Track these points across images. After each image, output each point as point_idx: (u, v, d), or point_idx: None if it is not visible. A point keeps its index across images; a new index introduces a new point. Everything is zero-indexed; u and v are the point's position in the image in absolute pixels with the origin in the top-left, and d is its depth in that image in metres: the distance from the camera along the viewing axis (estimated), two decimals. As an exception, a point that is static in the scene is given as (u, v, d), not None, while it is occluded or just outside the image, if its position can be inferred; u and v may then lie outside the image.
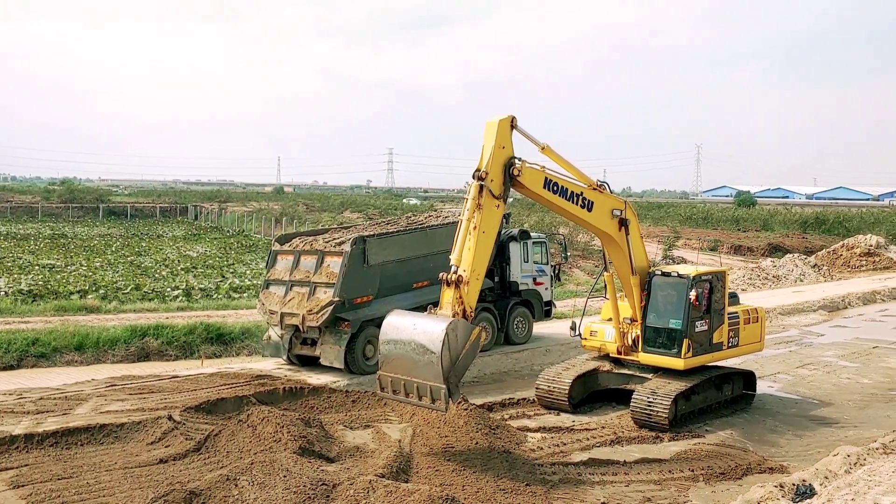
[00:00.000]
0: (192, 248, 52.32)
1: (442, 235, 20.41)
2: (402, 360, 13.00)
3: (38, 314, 26.16)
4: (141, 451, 13.31)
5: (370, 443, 14.08)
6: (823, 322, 30.14)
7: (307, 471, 11.67)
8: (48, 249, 48.69)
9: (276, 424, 13.32)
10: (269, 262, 20.44)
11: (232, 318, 26.22)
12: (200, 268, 40.88)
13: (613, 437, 15.05)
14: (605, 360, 17.43)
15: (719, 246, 57.84)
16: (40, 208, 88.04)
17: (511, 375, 20.63)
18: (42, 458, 12.83)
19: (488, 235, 13.58)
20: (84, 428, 13.94)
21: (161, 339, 23.17)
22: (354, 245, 18.69)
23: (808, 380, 20.62)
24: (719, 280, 16.81)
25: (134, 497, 11.06)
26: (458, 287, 13.01)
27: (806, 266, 43.64)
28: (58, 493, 11.38)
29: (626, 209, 15.88)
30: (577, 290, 34.80)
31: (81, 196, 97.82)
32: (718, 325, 16.65)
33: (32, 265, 39.92)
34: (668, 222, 76.99)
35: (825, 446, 14.79)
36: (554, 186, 14.68)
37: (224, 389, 17.05)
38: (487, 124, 13.87)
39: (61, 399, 16.23)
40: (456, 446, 13.70)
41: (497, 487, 12.00)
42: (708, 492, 12.57)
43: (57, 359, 21.81)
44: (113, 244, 53.91)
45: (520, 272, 23.40)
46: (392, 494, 10.63)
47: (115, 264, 41.44)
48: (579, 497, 12.00)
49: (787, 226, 74.60)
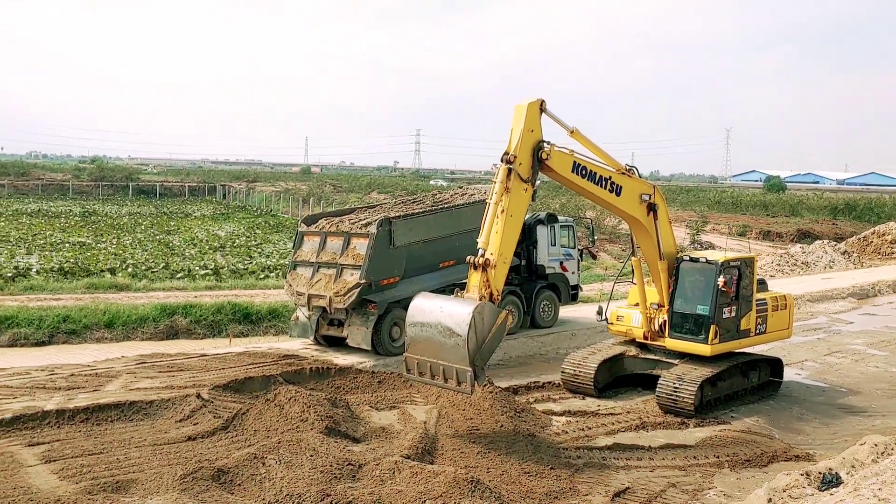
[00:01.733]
0: (221, 228, 52.70)
1: (468, 215, 20.39)
2: (429, 343, 13.04)
3: (69, 291, 26.53)
4: (170, 428, 13.47)
5: (396, 424, 14.16)
6: (853, 310, 29.83)
7: (333, 450, 11.78)
8: (79, 227, 49.26)
9: (303, 404, 13.43)
10: (296, 244, 20.52)
11: (259, 297, 26.42)
12: (228, 247, 41.19)
13: (638, 423, 15.04)
14: (632, 345, 17.39)
15: (748, 231, 57.31)
16: (71, 186, 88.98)
17: (537, 359, 20.64)
18: (73, 434, 13.02)
19: (516, 219, 13.56)
20: (114, 404, 14.12)
21: (190, 318, 23.46)
22: (380, 227, 18.72)
23: (836, 368, 20.46)
24: (748, 266, 16.69)
25: (162, 473, 11.20)
26: (485, 270, 13.02)
27: (836, 253, 43.18)
28: (88, 468, 11.55)
29: (654, 194, 15.80)
30: (603, 274, 34.68)
31: (111, 174, 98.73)
32: (746, 311, 16.54)
33: (63, 243, 40.43)
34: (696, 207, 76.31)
35: (852, 435, 14.69)
36: (582, 170, 14.62)
37: (252, 368, 17.20)
38: (516, 107, 13.82)
39: (92, 375, 16.46)
40: (481, 429, 13.75)
41: (521, 470, 12.05)
42: (733, 479, 12.55)
43: (87, 336, 22.15)
44: (142, 222, 54.42)
45: (547, 256, 23.34)
46: (417, 475, 10.71)
47: (145, 243, 41.86)
48: (603, 481, 12.01)
49: (817, 212, 73.72)
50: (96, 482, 11.02)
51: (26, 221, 52.13)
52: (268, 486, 10.68)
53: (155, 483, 10.94)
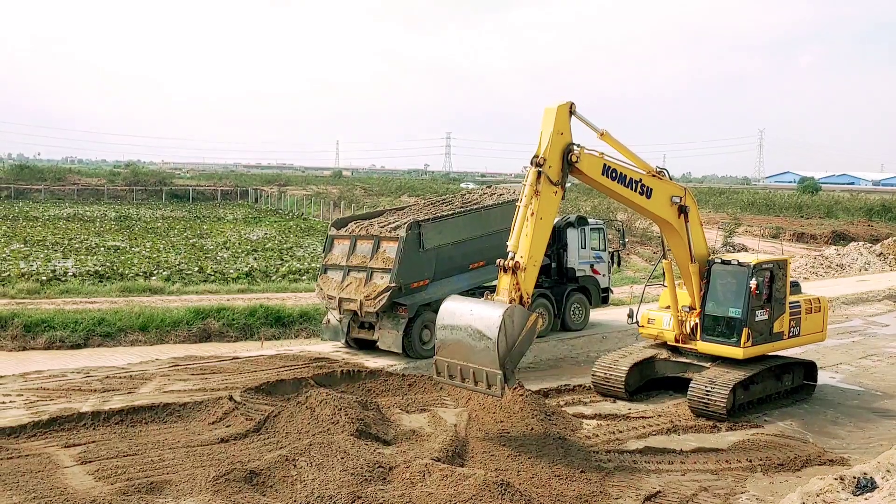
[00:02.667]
0: (253, 231, 53.06)
1: (497, 215, 20.38)
2: (459, 346, 13.06)
3: (104, 295, 26.89)
4: (203, 430, 13.61)
5: (426, 427, 14.20)
6: (889, 312, 29.45)
7: (364, 453, 11.84)
8: (113, 231, 49.85)
9: (334, 407, 13.51)
10: (326, 247, 20.63)
11: (291, 300, 26.60)
12: (260, 251, 41.48)
13: (670, 426, 14.96)
14: (663, 348, 17.30)
15: (781, 233, 56.73)
16: (106, 191, 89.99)
17: (567, 362, 20.59)
18: (108, 435, 13.20)
19: (546, 222, 13.55)
20: (148, 406, 14.31)
21: (222, 321, 23.68)
22: (410, 230, 18.77)
23: (872, 371, 20.21)
24: (781, 268, 16.55)
25: (196, 475, 11.32)
26: (514, 273, 13.03)
27: (871, 255, 42.66)
28: (123, 469, 11.70)
29: (685, 196, 15.72)
30: (634, 276, 34.51)
31: (145, 179, 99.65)
32: (779, 314, 16.40)
33: (98, 246, 40.93)
34: (728, 209, 75.70)
35: (888, 439, 14.52)
36: (612, 173, 14.58)
37: (283, 371, 17.33)
38: (546, 110, 13.81)
39: (126, 378, 16.68)
40: (511, 432, 13.75)
41: (552, 473, 12.04)
42: (766, 483, 12.44)
43: (122, 338, 22.44)
44: (176, 226, 54.95)
45: (577, 258, 23.28)
46: (447, 478, 10.73)
47: (178, 246, 42.26)
48: (634, 485, 11.97)
49: (852, 213, 72.82)
50: (131, 483, 11.17)
51: (62, 226, 52.85)
52: (299, 488, 10.77)
53: (188, 484, 11.06)
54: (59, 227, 51.20)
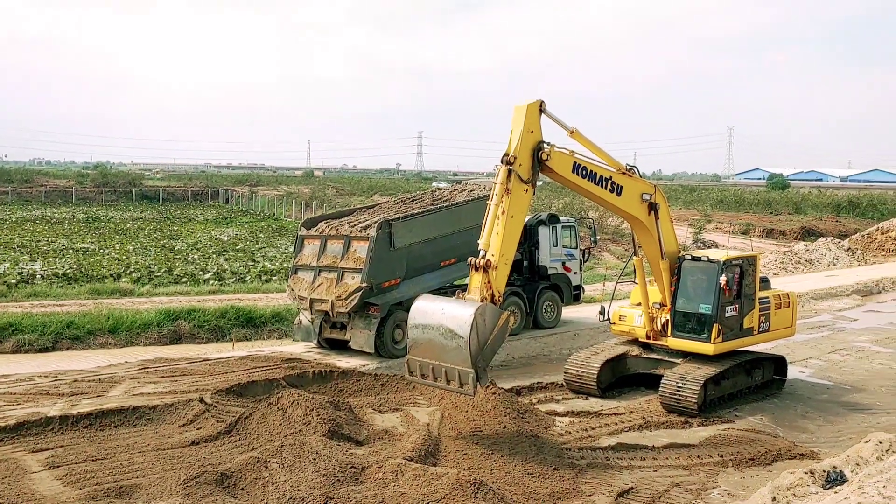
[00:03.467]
0: (224, 232, 52.73)
1: (468, 212, 20.36)
2: (431, 345, 13.05)
3: (72, 297, 26.59)
4: (173, 433, 13.49)
5: (399, 426, 14.17)
6: (857, 307, 29.76)
7: (336, 454, 11.78)
8: (82, 233, 49.33)
9: (306, 407, 13.44)
10: (297, 247, 20.49)
11: (262, 301, 26.46)
12: (231, 251, 41.22)
13: (642, 422, 15.02)
14: (634, 345, 17.38)
15: (751, 229, 57.27)
16: (74, 192, 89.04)
17: (539, 360, 20.62)
18: (77, 440, 13.06)
19: (517, 220, 13.57)
20: (118, 410, 14.17)
21: (193, 323, 23.49)
22: (380, 229, 18.68)
23: (841, 365, 20.42)
24: (750, 264, 16.67)
25: (166, 478, 11.22)
26: (486, 272, 13.03)
27: (839, 250, 43.11)
28: (92, 474, 11.58)
29: (655, 193, 15.79)
30: (606, 274, 34.66)
31: (114, 180, 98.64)
32: (749, 309, 16.52)
33: (67, 249, 40.48)
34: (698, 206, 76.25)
35: (857, 433, 14.63)
36: (583, 171, 14.61)
37: (255, 372, 17.22)
38: (516, 109, 13.83)
39: (95, 381, 16.49)
40: (484, 430, 13.75)
41: (525, 471, 12.05)
42: (737, 477, 12.52)
43: (91, 341, 22.18)
44: (145, 228, 54.47)
45: (549, 256, 23.33)
46: (420, 478, 10.70)
47: (148, 248, 41.90)
48: (607, 482, 12.00)
49: (821, 209, 73.60)
50: (100, 488, 11.06)
51: (30, 228, 52.20)
52: (271, 490, 10.69)
53: (159, 488, 10.96)
54: (27, 230, 50.57)
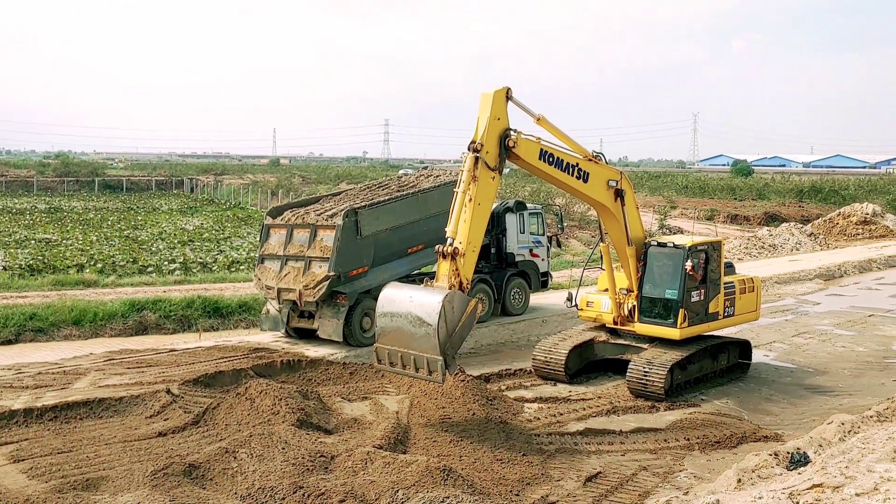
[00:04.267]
0: (189, 222, 52.23)
1: (434, 198, 20.32)
2: (399, 333, 13.04)
3: (35, 289, 26.19)
4: (140, 424, 13.39)
5: (368, 414, 14.17)
6: (819, 291, 30.19)
7: (305, 443, 11.76)
8: (44, 224, 48.61)
9: (274, 397, 13.38)
10: (263, 237, 20.32)
11: (229, 291, 26.26)
12: (197, 241, 40.87)
13: (609, 407, 15.13)
14: (602, 331, 17.49)
15: (715, 215, 57.85)
16: (35, 182, 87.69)
17: (508, 346, 20.69)
18: (41, 433, 12.91)
19: (484, 207, 13.58)
20: (83, 402, 14.02)
21: (159, 313, 23.24)
22: (346, 217, 18.58)
23: (804, 349, 20.71)
24: (715, 250, 16.84)
25: (133, 470, 11.12)
26: (453, 259, 13.03)
27: (802, 235, 43.67)
28: (58, 467, 11.45)
29: (621, 180, 15.88)
30: (573, 260, 34.82)
31: (77, 170, 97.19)
32: (714, 294, 16.69)
33: (29, 240, 39.87)
34: (664, 192, 76.84)
35: (820, 415, 14.88)
36: (549, 158, 14.65)
37: (222, 363, 17.12)
38: (483, 96, 13.82)
39: (60, 373, 16.30)
40: (453, 417, 13.78)
41: (494, 458, 12.09)
42: (703, 460, 12.67)
43: (55, 333, 21.86)
44: (109, 218, 53.80)
45: (516, 243, 23.39)
46: (390, 465, 10.71)
47: (112, 238, 41.39)
48: (575, 467, 12.09)
49: (784, 195, 74.45)
50: (66, 480, 10.94)
51: (-10, 219, 51.37)
52: (240, 480, 10.65)
53: (125, 480, 10.87)
54: (-13, 221, 49.76)
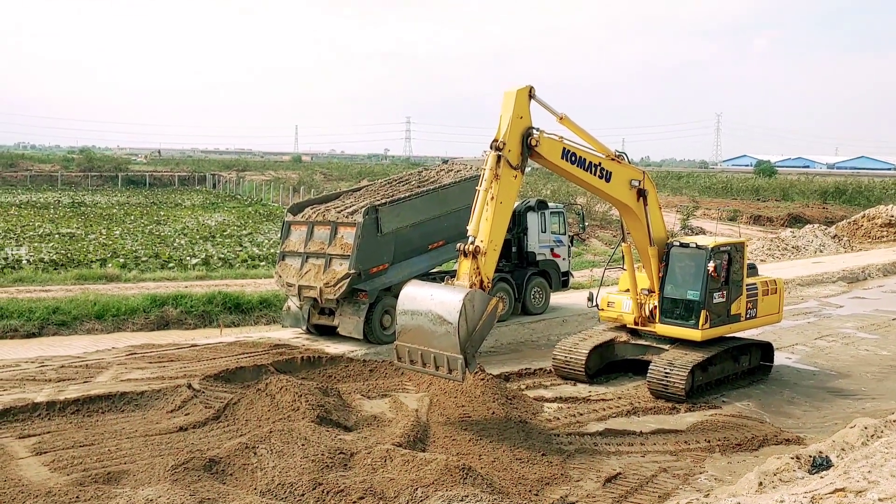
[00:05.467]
0: (211, 217, 52.51)
1: (455, 193, 20.22)
2: (420, 331, 13.03)
3: (58, 283, 26.42)
4: (161, 418, 13.46)
5: (387, 412, 14.17)
6: (843, 293, 29.95)
7: (325, 439, 11.77)
8: (68, 218, 49.04)
9: (295, 393, 13.41)
10: (283, 234, 20.36)
11: (250, 287, 26.37)
12: (219, 237, 41.08)
13: (630, 408, 15.08)
14: (622, 331, 17.43)
15: (738, 216, 57.46)
16: (60, 177, 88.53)
17: (528, 346, 20.66)
18: (64, 426, 13.00)
19: (506, 206, 13.55)
20: (105, 396, 14.10)
21: (180, 308, 23.38)
22: (367, 215, 18.55)
23: (826, 351, 20.54)
24: (738, 251, 16.73)
25: (154, 464, 11.19)
26: (475, 258, 13.01)
27: (826, 237, 43.32)
28: (79, 460, 11.53)
29: (644, 179, 15.80)
30: (594, 260, 34.71)
31: (100, 165, 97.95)
32: (736, 296, 16.58)
33: (52, 234, 40.24)
34: (687, 192, 76.44)
35: (842, 418, 14.76)
36: (572, 157, 14.60)
37: (243, 358, 17.17)
38: (505, 94, 13.78)
39: (82, 367, 16.42)
40: (472, 416, 13.77)
41: (513, 457, 12.08)
42: (724, 463, 12.60)
43: (77, 327, 22.05)
44: (132, 213, 54.19)
45: (537, 242, 23.33)
46: (409, 463, 10.71)
47: (135, 233, 41.70)
48: (595, 467, 12.05)
49: (808, 196, 73.82)
50: (87, 474, 11.00)
51: (15, 213, 51.82)
52: (259, 476, 10.68)
53: (146, 474, 10.92)
54: (12, 215, 50.22)
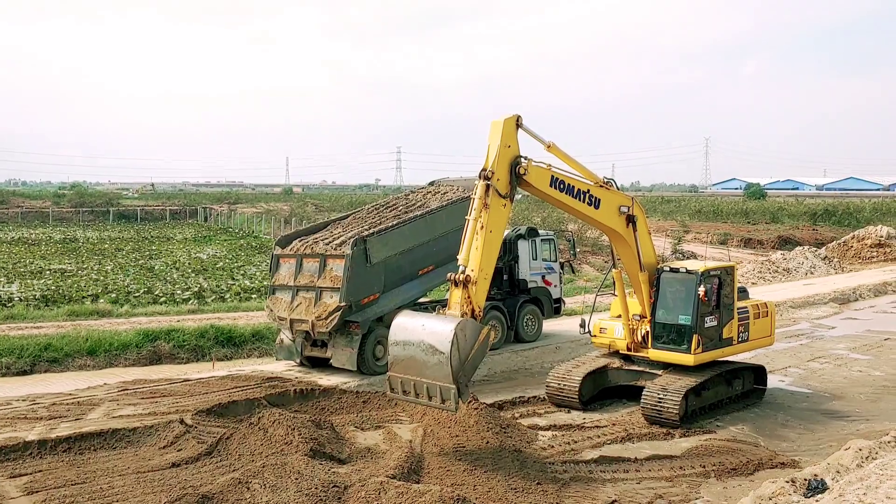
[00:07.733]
0: (202, 251, 52.46)
1: (442, 219, 20.23)
2: (412, 361, 13.02)
3: (50, 319, 26.32)
4: (153, 455, 13.38)
5: (381, 444, 14.11)
6: (834, 314, 30.01)
7: (319, 473, 11.71)
8: (59, 254, 48.93)
9: (288, 427, 13.37)
10: (273, 267, 20.30)
11: (242, 320, 26.32)
12: (211, 270, 41.01)
13: (624, 434, 15.04)
14: (615, 357, 17.42)
15: (729, 239, 57.69)
16: (51, 213, 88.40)
17: (521, 374, 20.61)
18: (55, 464, 12.91)
19: (495, 234, 13.59)
20: (97, 433, 14.02)
21: (172, 343, 23.29)
22: (355, 246, 18.49)
23: (819, 373, 20.55)
24: (728, 275, 16.78)
25: (147, 501, 11.12)
26: (465, 287, 13.02)
27: (816, 258, 43.46)
28: (71, 499, 11.45)
29: (633, 206, 15.88)
30: (586, 286, 34.75)
31: (91, 200, 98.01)
32: (728, 320, 16.61)
33: (44, 270, 40.13)
34: (677, 216, 76.72)
35: (837, 440, 14.74)
36: (560, 184, 14.68)
37: (235, 392, 17.11)
38: (493, 124, 13.87)
39: (74, 404, 16.32)
40: (467, 446, 13.72)
41: (508, 486, 12.02)
42: (719, 488, 12.57)
43: (69, 364, 21.94)
44: (123, 248, 54.10)
45: (528, 270, 23.37)
46: (403, 495, 10.65)
47: (126, 268, 41.60)
48: (590, 495, 12.00)
49: (797, 218, 74.21)
50: (79, 512, 10.92)
51: (6, 249, 51.69)
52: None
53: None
54: (3, 251, 50.09)
